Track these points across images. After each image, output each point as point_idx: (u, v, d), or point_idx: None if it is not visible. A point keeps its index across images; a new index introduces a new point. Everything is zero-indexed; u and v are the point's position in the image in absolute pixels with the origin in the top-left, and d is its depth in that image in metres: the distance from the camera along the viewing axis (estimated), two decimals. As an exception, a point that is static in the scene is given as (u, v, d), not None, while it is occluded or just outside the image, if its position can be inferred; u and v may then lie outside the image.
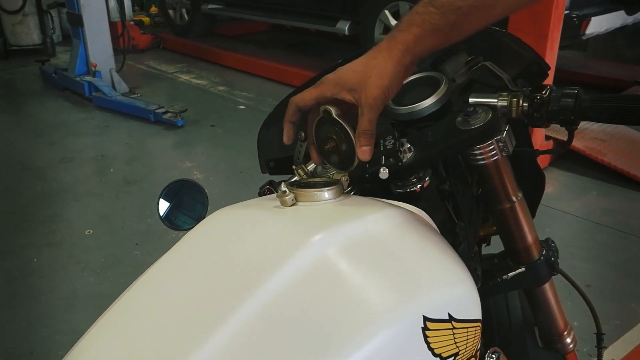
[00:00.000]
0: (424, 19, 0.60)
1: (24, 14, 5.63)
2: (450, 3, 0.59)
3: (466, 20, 0.60)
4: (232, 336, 0.46)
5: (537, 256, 0.85)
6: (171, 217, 0.98)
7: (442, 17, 0.60)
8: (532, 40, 2.49)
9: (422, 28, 0.60)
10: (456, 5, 0.59)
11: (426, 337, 0.49)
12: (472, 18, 0.61)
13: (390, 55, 0.62)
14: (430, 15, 0.60)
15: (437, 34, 0.61)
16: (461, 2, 0.59)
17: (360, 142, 0.63)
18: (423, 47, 0.62)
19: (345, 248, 0.53)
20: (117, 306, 0.55)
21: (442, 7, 0.60)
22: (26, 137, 3.79)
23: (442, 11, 0.60)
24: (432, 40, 0.61)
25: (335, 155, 0.68)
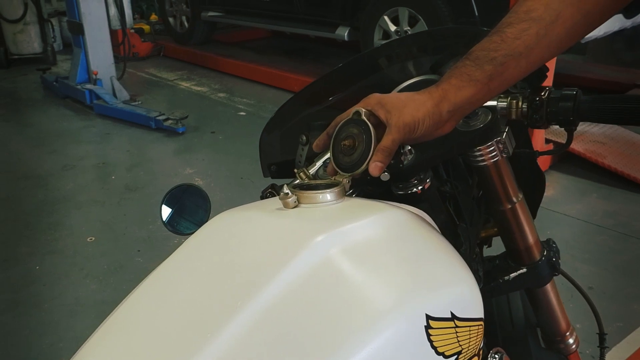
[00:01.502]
0: (461, 72, 0.64)
1: (24, 22, 5.66)
2: (484, 55, 0.62)
3: (503, 70, 0.63)
4: (237, 337, 0.47)
5: (539, 257, 0.85)
6: (173, 222, 0.99)
7: (477, 68, 0.63)
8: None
9: (460, 79, 0.63)
10: (490, 57, 0.62)
11: (429, 336, 0.50)
12: (509, 67, 0.63)
13: (431, 97, 0.64)
14: (467, 68, 0.63)
15: (476, 84, 0.63)
16: (495, 53, 0.62)
17: (377, 156, 0.64)
18: (462, 98, 0.64)
19: (348, 249, 0.53)
20: (120, 310, 0.56)
21: (477, 60, 0.63)
22: (28, 146, 3.81)
23: (477, 63, 0.63)
24: (471, 90, 0.63)
25: (346, 157, 0.68)
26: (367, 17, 4.10)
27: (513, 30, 0.61)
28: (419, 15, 3.76)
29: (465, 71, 0.63)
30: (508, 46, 0.61)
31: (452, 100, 0.64)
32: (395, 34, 3.91)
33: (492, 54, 0.62)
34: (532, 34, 0.61)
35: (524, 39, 0.61)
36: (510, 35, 0.61)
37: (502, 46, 0.62)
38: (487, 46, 0.63)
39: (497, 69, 0.62)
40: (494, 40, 0.62)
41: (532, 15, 0.61)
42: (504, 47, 0.62)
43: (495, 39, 0.62)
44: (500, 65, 0.62)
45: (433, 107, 0.64)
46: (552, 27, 0.61)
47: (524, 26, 0.61)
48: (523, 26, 0.61)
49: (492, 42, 0.62)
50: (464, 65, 0.64)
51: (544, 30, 0.61)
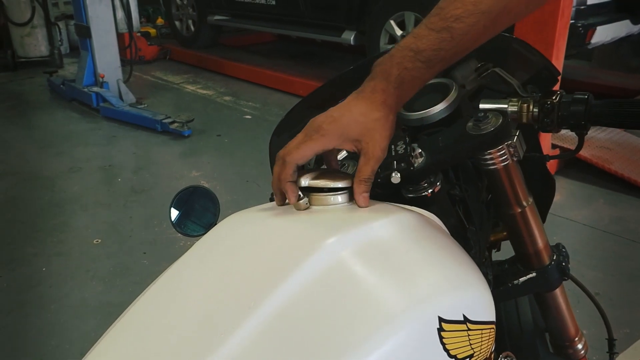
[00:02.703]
0: (413, 76, 0.62)
1: (32, 26, 5.70)
2: (435, 56, 0.61)
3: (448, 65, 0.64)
4: (250, 339, 0.47)
5: (548, 261, 0.85)
6: (182, 224, 0.99)
7: (428, 70, 0.62)
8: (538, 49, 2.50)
9: (412, 84, 0.63)
10: (441, 57, 0.61)
11: (442, 338, 0.50)
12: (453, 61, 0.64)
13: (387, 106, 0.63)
14: (419, 71, 0.62)
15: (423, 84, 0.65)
16: (446, 53, 0.61)
17: (362, 188, 0.62)
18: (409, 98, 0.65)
19: (360, 251, 0.53)
20: (132, 311, 0.56)
21: (429, 62, 0.61)
22: (34, 148, 3.83)
23: (428, 65, 0.62)
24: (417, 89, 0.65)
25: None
26: (374, 22, 4.11)
27: (463, 26, 0.60)
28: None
29: (418, 75, 0.62)
30: (457, 43, 0.60)
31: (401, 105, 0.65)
32: (401, 38, 3.90)
33: (442, 54, 0.61)
34: (480, 27, 0.60)
35: (472, 34, 0.60)
36: (460, 32, 0.60)
37: (452, 44, 0.60)
38: (438, 45, 0.61)
39: (444, 65, 0.63)
40: (444, 38, 0.60)
41: (480, 7, 0.59)
42: (454, 45, 0.61)
43: (445, 37, 0.60)
44: (448, 61, 0.63)
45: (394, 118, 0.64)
46: (499, 18, 0.60)
47: (472, 20, 0.59)
48: (472, 20, 0.59)
49: (443, 41, 0.60)
50: (416, 68, 0.62)
51: (491, 22, 0.60)
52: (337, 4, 4.40)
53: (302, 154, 0.61)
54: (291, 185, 0.61)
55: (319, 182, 0.62)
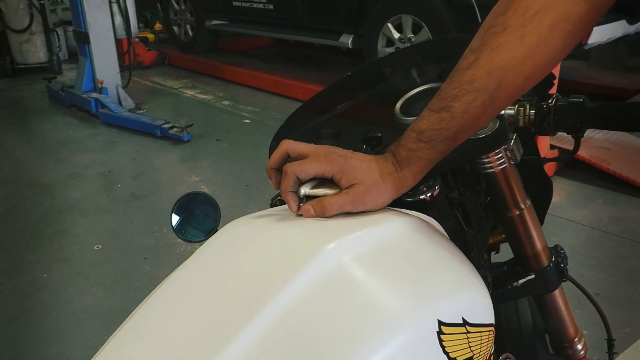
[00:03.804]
0: (418, 157, 0.64)
1: (30, 32, 5.71)
2: (437, 135, 0.63)
3: (455, 143, 0.64)
4: (252, 343, 0.47)
5: (547, 263, 0.86)
6: (182, 230, 0.99)
7: (433, 150, 0.64)
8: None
9: (419, 165, 0.65)
10: (443, 136, 0.63)
11: (441, 341, 0.50)
12: (460, 139, 0.64)
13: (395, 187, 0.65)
14: (423, 152, 0.64)
15: (431, 164, 0.65)
16: (447, 132, 0.63)
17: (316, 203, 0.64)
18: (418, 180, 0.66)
19: (360, 255, 0.54)
20: (135, 318, 0.56)
21: (431, 142, 0.63)
22: (34, 154, 3.83)
23: (431, 145, 0.63)
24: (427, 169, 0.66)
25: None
26: (371, 25, 4.12)
27: (460, 104, 0.61)
28: (422, 23, 3.78)
29: (422, 156, 0.64)
30: (457, 122, 0.62)
31: (409, 185, 0.66)
32: (399, 42, 3.92)
33: (444, 133, 0.62)
34: (479, 105, 0.61)
35: (472, 112, 0.62)
36: (459, 110, 0.62)
37: (452, 123, 0.62)
38: (439, 125, 0.63)
39: (449, 144, 0.64)
40: (443, 117, 0.62)
41: (475, 85, 0.61)
42: (454, 124, 0.62)
43: (445, 116, 0.62)
44: (452, 141, 0.63)
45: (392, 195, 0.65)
46: (496, 95, 0.61)
47: (469, 98, 0.61)
48: (469, 98, 0.61)
49: (443, 120, 0.62)
50: (419, 149, 0.64)
51: (489, 99, 0.61)
52: (335, 7, 4.41)
53: (303, 169, 0.63)
54: (292, 195, 0.64)
55: (318, 190, 0.62)
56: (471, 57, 0.62)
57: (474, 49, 0.62)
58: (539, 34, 0.59)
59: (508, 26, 0.60)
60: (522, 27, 0.59)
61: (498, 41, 0.60)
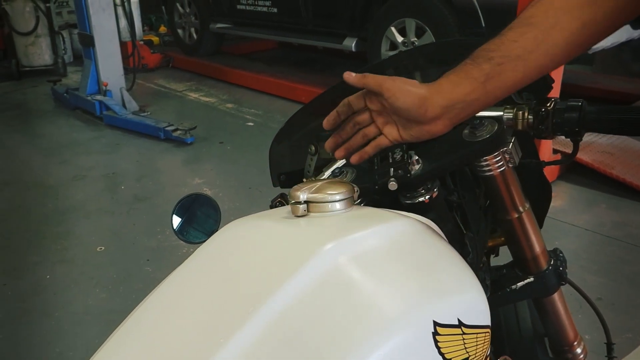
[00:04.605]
0: (459, 69, 0.66)
1: (36, 35, 5.75)
2: (483, 54, 0.64)
3: (501, 71, 0.64)
4: (249, 343, 0.48)
5: (546, 266, 0.86)
6: (184, 231, 1.00)
7: (475, 67, 0.64)
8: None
9: (457, 76, 0.65)
10: (489, 56, 0.64)
11: (437, 342, 0.50)
12: (506, 69, 0.64)
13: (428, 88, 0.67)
14: (466, 66, 0.65)
15: (472, 82, 0.65)
16: (493, 53, 0.64)
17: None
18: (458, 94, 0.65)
19: (357, 257, 0.54)
20: (133, 318, 0.57)
21: (476, 59, 0.65)
22: (38, 156, 3.85)
23: (475, 62, 0.65)
24: (467, 88, 0.65)
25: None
26: (375, 28, 4.13)
27: (512, 34, 0.63)
28: (425, 27, 3.79)
29: (464, 69, 0.65)
30: (506, 48, 0.63)
31: (448, 96, 0.65)
32: (402, 45, 3.93)
33: (490, 54, 0.64)
34: (530, 37, 0.63)
35: (522, 42, 0.63)
36: (510, 38, 0.63)
37: (500, 47, 0.64)
38: (487, 47, 0.65)
39: (495, 68, 0.64)
40: (494, 41, 0.64)
41: (531, 20, 0.63)
42: (502, 49, 0.63)
43: (495, 41, 0.64)
44: (498, 65, 0.64)
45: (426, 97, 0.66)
46: (550, 33, 0.62)
47: (523, 30, 0.63)
48: (522, 30, 0.63)
49: (492, 44, 0.64)
50: (464, 64, 0.66)
51: (542, 35, 0.62)
52: (339, 11, 4.42)
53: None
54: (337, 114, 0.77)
55: (316, 195, 0.63)
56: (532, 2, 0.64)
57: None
58: None
59: None
60: None
61: None
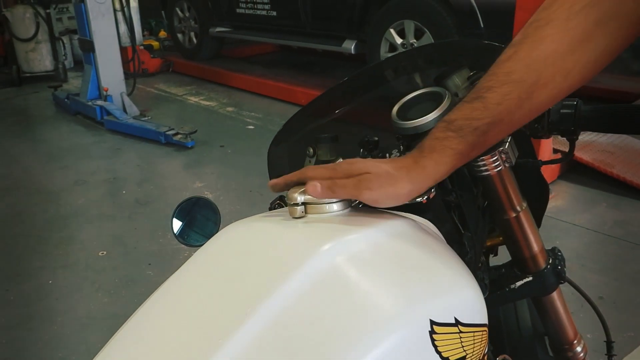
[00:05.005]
0: (444, 145, 0.60)
1: (36, 41, 5.78)
2: (467, 125, 0.59)
3: (486, 139, 0.60)
4: (246, 343, 0.48)
5: (544, 265, 0.86)
6: (184, 235, 1.01)
7: (461, 140, 0.60)
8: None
9: (442, 154, 0.60)
10: (474, 126, 0.59)
11: (433, 341, 0.51)
12: (491, 135, 0.60)
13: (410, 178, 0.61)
14: (450, 141, 0.60)
15: (457, 157, 0.61)
16: (478, 122, 0.59)
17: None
18: (442, 172, 0.62)
19: (354, 256, 0.55)
20: (133, 321, 0.57)
21: (460, 131, 0.59)
22: (40, 161, 3.86)
23: (460, 134, 0.59)
24: (452, 163, 0.61)
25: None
26: (374, 31, 4.14)
27: (495, 95, 0.58)
28: (424, 28, 3.80)
29: (448, 145, 0.60)
30: (491, 113, 0.58)
31: (431, 177, 0.61)
32: (401, 47, 3.94)
33: (475, 123, 0.59)
34: (514, 98, 0.58)
35: (506, 104, 0.58)
36: (493, 101, 0.58)
37: (484, 114, 0.59)
38: (470, 114, 0.59)
39: (480, 138, 0.60)
40: (476, 107, 0.59)
41: (512, 77, 0.58)
42: (486, 115, 0.59)
43: (478, 106, 0.59)
44: (483, 134, 0.59)
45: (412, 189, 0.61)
46: (534, 89, 0.58)
47: (505, 90, 0.58)
48: (505, 90, 0.58)
49: (475, 110, 0.59)
50: (447, 138, 0.60)
51: (526, 93, 0.58)
52: (338, 14, 4.44)
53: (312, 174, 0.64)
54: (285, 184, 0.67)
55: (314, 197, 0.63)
56: (510, 51, 0.59)
57: (515, 42, 0.59)
58: (584, 29, 0.56)
59: (552, 19, 0.57)
60: (566, 20, 0.57)
61: (540, 34, 0.58)
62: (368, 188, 0.60)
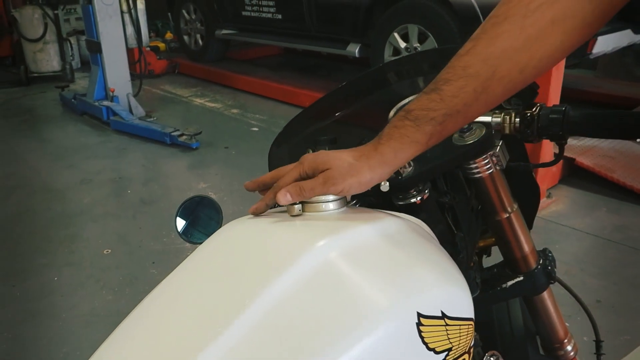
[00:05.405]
0: (401, 133, 0.63)
1: (44, 42, 5.84)
2: (424, 115, 0.62)
3: (442, 129, 0.62)
4: (244, 333, 0.51)
5: (535, 265, 0.89)
6: (187, 233, 1.04)
7: (418, 130, 0.62)
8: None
9: (400, 142, 0.63)
10: (430, 117, 0.61)
11: (420, 332, 0.54)
12: (447, 125, 0.62)
13: (370, 166, 0.64)
14: (407, 129, 0.62)
15: (415, 145, 0.63)
16: (434, 113, 0.61)
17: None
18: (400, 160, 0.64)
19: (347, 253, 0.58)
20: (133, 315, 0.60)
21: (417, 120, 0.62)
22: (47, 160, 3.91)
23: (416, 124, 0.62)
24: (410, 152, 0.64)
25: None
26: (378, 34, 4.17)
27: (451, 88, 0.61)
28: (428, 32, 3.82)
29: (405, 133, 0.62)
30: (446, 105, 0.61)
31: (390, 164, 0.64)
32: (405, 51, 3.97)
33: (431, 114, 0.61)
34: (470, 91, 0.60)
35: (462, 97, 0.60)
36: (449, 94, 0.61)
37: (440, 105, 0.61)
38: (427, 105, 0.62)
39: (436, 128, 0.62)
40: (432, 98, 0.62)
41: (469, 71, 0.60)
42: (442, 107, 0.61)
43: (434, 97, 0.61)
44: (439, 124, 0.62)
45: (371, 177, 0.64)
46: (489, 84, 0.60)
47: (461, 83, 0.60)
48: (460, 83, 0.60)
49: (432, 101, 0.62)
50: (404, 126, 0.63)
51: (481, 87, 0.60)
52: (342, 17, 4.47)
53: (283, 182, 0.68)
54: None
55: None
56: (469, 45, 0.61)
57: (474, 37, 0.62)
58: (540, 27, 0.58)
59: (509, 16, 0.59)
60: (523, 17, 0.58)
61: (497, 30, 0.60)
62: (333, 184, 0.63)
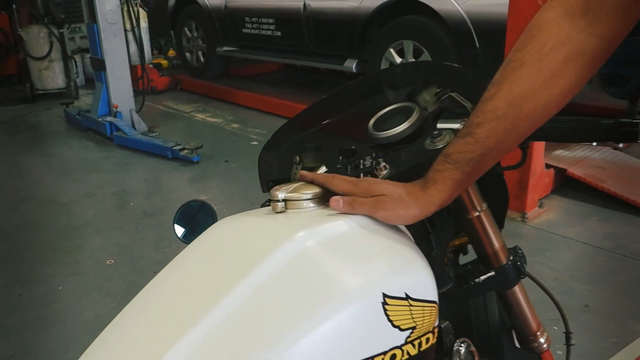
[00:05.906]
0: (444, 176, 0.70)
1: (50, 59, 5.96)
2: (462, 157, 0.69)
3: (481, 166, 0.70)
4: (225, 315, 0.58)
5: (505, 261, 0.96)
6: (188, 237, 1.12)
7: (459, 171, 0.69)
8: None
9: (444, 184, 0.70)
10: (468, 158, 0.68)
11: (386, 311, 0.61)
12: (485, 162, 0.69)
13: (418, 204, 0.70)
14: (449, 172, 0.69)
15: (458, 184, 0.70)
16: (472, 154, 0.68)
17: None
18: (446, 199, 0.71)
19: (323, 242, 0.65)
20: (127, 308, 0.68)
21: (457, 163, 0.69)
22: (52, 175, 4.00)
23: (457, 166, 0.69)
24: (454, 190, 0.71)
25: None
26: (374, 50, 4.28)
27: (483, 130, 0.68)
28: (423, 48, 3.93)
29: (448, 175, 0.69)
30: (482, 146, 0.68)
31: (437, 204, 0.71)
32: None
33: (469, 155, 0.68)
34: (501, 130, 0.67)
35: (495, 136, 0.67)
36: (482, 136, 0.68)
37: (476, 147, 0.68)
38: (464, 148, 0.69)
39: (475, 167, 0.69)
40: (468, 142, 0.68)
41: (497, 114, 0.67)
42: (478, 148, 0.68)
43: (469, 140, 0.68)
44: (477, 163, 0.69)
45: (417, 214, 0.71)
46: (517, 122, 0.67)
47: (492, 125, 0.67)
48: (492, 125, 0.67)
49: (467, 144, 0.68)
50: (446, 170, 0.70)
51: (510, 125, 0.67)
52: (340, 34, 4.58)
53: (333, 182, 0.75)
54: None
55: (293, 194, 0.74)
56: (493, 90, 0.68)
57: (495, 81, 0.68)
58: (554, 67, 0.65)
59: (526, 60, 0.66)
60: (538, 61, 0.65)
61: (517, 75, 0.67)
62: (383, 208, 0.70)
